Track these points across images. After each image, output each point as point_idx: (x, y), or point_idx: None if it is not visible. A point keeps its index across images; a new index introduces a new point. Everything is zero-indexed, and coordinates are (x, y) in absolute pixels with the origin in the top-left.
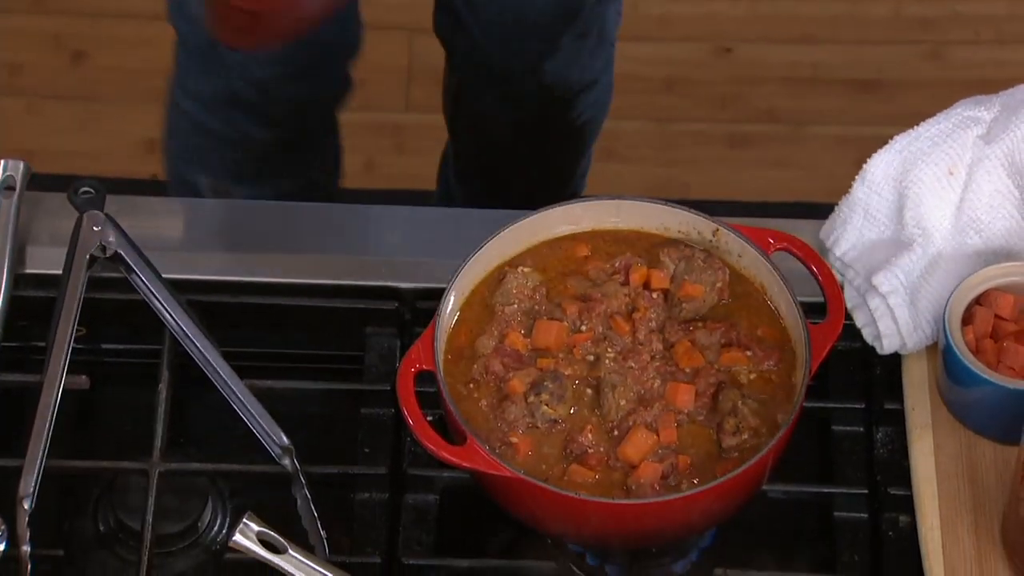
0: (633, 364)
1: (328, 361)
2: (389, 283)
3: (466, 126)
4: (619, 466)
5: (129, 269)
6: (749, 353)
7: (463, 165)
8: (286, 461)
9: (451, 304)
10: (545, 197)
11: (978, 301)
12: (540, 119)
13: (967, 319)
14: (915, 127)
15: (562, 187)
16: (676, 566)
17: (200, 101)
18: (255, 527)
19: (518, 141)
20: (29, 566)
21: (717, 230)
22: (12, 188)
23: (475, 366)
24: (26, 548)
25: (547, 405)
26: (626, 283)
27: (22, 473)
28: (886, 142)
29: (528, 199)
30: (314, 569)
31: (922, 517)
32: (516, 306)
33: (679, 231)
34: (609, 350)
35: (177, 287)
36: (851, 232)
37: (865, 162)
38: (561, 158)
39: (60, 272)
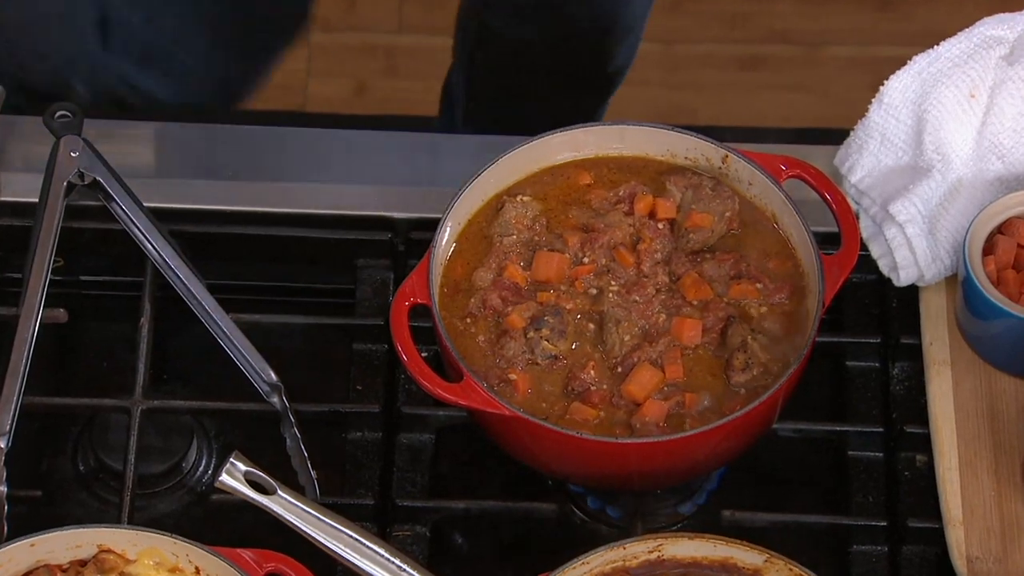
0: (638, 297)
1: (318, 295)
2: (381, 212)
3: (483, 45)
4: (623, 404)
5: (108, 197)
6: (759, 285)
7: (477, 89)
8: (275, 399)
9: (447, 235)
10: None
11: (1000, 230)
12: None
13: (988, 249)
14: (935, 47)
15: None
16: (683, 508)
17: None
18: (242, 467)
19: (537, 71)
20: (6, 507)
21: (726, 156)
22: None
23: (472, 300)
24: (2, 488)
25: (547, 340)
26: (630, 212)
27: None
28: (904, 63)
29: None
30: (304, 510)
31: (940, 456)
32: (515, 237)
33: (686, 158)
34: (612, 283)
35: (159, 216)
36: (867, 158)
37: (882, 84)
38: (586, 100)
39: (36, 200)
